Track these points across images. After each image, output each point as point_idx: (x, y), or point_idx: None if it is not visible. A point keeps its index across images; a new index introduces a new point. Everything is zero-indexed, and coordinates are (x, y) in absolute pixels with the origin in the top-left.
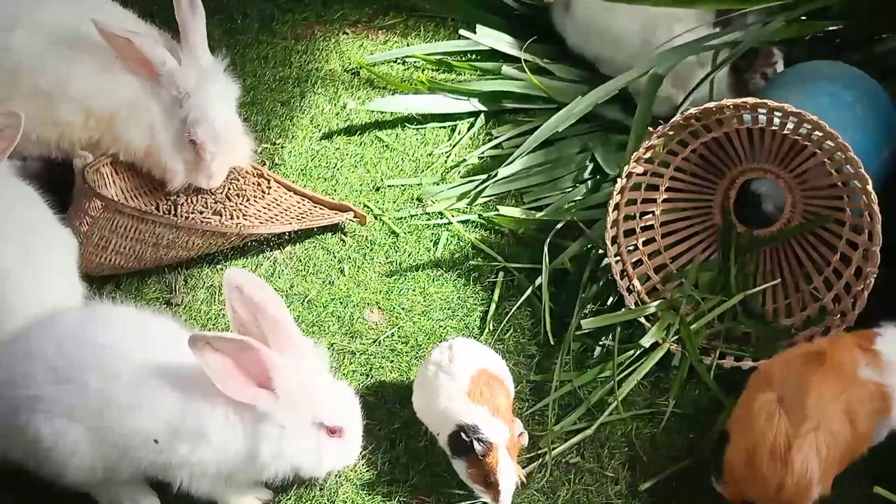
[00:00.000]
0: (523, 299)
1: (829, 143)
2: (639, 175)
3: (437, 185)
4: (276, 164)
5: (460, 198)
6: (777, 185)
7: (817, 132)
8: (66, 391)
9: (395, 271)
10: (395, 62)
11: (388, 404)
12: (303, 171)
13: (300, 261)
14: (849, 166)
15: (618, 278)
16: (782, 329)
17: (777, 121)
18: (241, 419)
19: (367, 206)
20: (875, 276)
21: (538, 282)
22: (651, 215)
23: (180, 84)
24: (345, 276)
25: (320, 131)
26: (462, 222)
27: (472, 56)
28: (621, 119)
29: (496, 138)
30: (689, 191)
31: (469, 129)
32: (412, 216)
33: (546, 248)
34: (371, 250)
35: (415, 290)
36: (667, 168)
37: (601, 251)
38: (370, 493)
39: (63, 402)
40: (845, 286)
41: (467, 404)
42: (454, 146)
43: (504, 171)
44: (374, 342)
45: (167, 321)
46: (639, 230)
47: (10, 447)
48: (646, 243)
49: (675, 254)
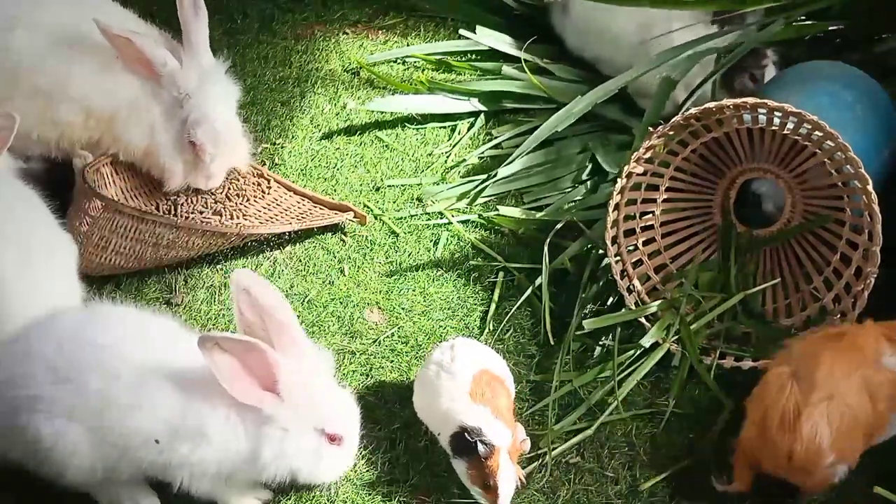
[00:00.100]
0: (523, 299)
1: (829, 143)
2: (639, 175)
3: (437, 185)
4: (276, 164)
5: (460, 198)
6: (777, 185)
7: (817, 132)
8: (66, 391)
9: (395, 271)
10: (395, 62)
11: (388, 404)
12: (303, 171)
13: (300, 261)
14: (849, 166)
15: (618, 278)
16: (782, 329)
17: (777, 121)
18: (242, 420)
19: (367, 206)
20: (875, 276)
21: (538, 282)
22: (651, 215)
23: (181, 85)
24: (345, 276)
25: (320, 131)
26: (462, 222)
27: (472, 56)
28: (621, 119)
29: (496, 138)
30: (689, 191)
31: (469, 129)
32: (412, 216)
33: (546, 248)
34: (371, 250)
35: (415, 290)
36: (667, 168)
37: (601, 251)
38: (370, 493)
39: (63, 403)
40: (845, 286)
41: (469, 405)
42: (454, 146)
43: (504, 171)
44: (374, 342)
45: (167, 321)
46: (639, 230)
47: (10, 447)
48: (646, 243)
49: (675, 254)
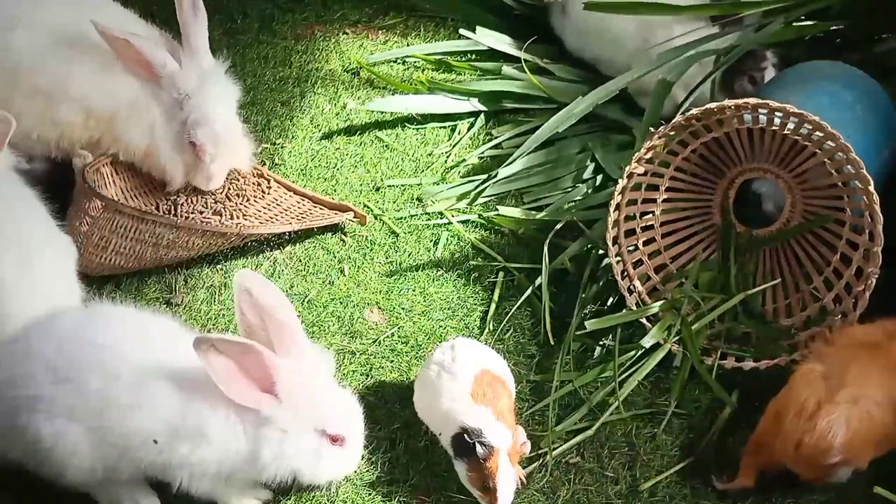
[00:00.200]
0: (523, 299)
1: (829, 143)
2: (639, 175)
3: (437, 185)
4: (276, 164)
5: (460, 198)
6: (777, 185)
7: (818, 133)
8: (66, 391)
9: (395, 271)
10: (395, 62)
11: (388, 404)
12: (303, 171)
13: (300, 261)
14: (850, 167)
15: (619, 278)
16: (783, 329)
17: (777, 121)
18: (242, 420)
19: (367, 206)
20: (876, 276)
21: (538, 282)
22: (651, 215)
23: (181, 86)
24: (345, 276)
25: (320, 131)
26: (462, 222)
27: (472, 56)
28: (621, 119)
29: (496, 138)
30: (689, 191)
31: (469, 129)
32: (412, 216)
33: (546, 248)
34: (371, 250)
35: (415, 290)
36: (667, 168)
37: (601, 251)
38: (370, 493)
39: (63, 403)
40: (846, 286)
41: (471, 405)
42: (454, 146)
43: (504, 172)
44: (374, 342)
45: (167, 321)
46: (639, 230)
47: (10, 447)
48: (646, 243)
49: (675, 254)
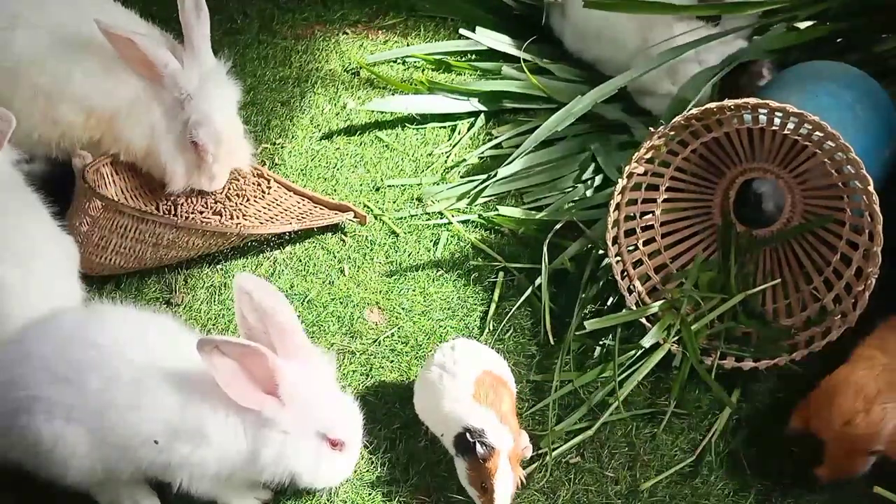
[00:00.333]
0: (523, 299)
1: (829, 143)
2: (639, 175)
3: (437, 185)
4: (276, 164)
5: (460, 198)
6: (777, 185)
7: (818, 133)
8: (66, 392)
9: (395, 271)
10: (395, 62)
11: (388, 404)
12: (303, 171)
13: (300, 261)
14: (850, 167)
15: (618, 278)
16: (783, 329)
17: (777, 121)
18: (242, 421)
19: (367, 206)
20: (876, 276)
21: (538, 282)
22: (651, 215)
23: (182, 86)
24: (345, 276)
25: (320, 131)
26: (462, 222)
27: (472, 56)
28: (621, 119)
29: (496, 138)
30: (689, 191)
31: (469, 129)
32: (412, 216)
33: (546, 248)
34: (371, 250)
35: (415, 290)
36: (667, 168)
37: (601, 251)
38: (370, 493)
39: (63, 403)
40: (846, 286)
41: (473, 406)
42: (454, 146)
43: (504, 171)
44: (374, 342)
45: (167, 321)
46: (639, 230)
47: (10, 447)
48: (646, 243)
49: (675, 254)
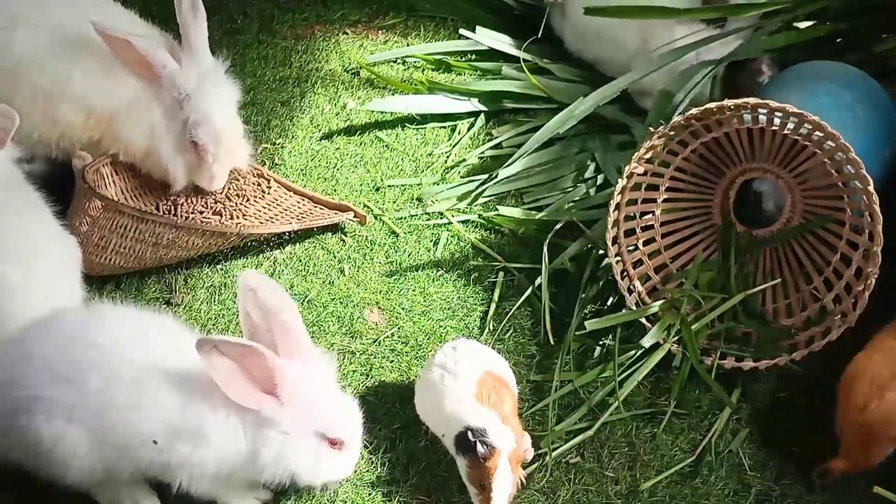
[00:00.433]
0: (523, 299)
1: (829, 143)
2: (639, 175)
3: (437, 185)
4: (276, 164)
5: (460, 198)
6: (777, 185)
7: (818, 132)
8: (66, 392)
9: (395, 271)
10: (395, 62)
11: (388, 404)
12: (303, 171)
13: (300, 261)
14: (850, 167)
15: (618, 278)
16: (783, 329)
17: (777, 121)
18: (242, 421)
19: (367, 206)
20: (876, 276)
21: (538, 282)
22: (651, 215)
23: (181, 86)
24: (345, 276)
25: (320, 131)
26: (462, 222)
27: (472, 56)
28: (621, 119)
29: (496, 138)
30: (689, 191)
31: (469, 129)
32: (412, 216)
33: (545, 248)
34: (371, 250)
35: (415, 290)
36: (667, 168)
37: (601, 251)
38: (370, 493)
39: (63, 403)
40: (846, 286)
41: (475, 406)
42: (454, 146)
43: (504, 172)
44: (374, 342)
45: (167, 321)
46: (639, 230)
47: (11, 447)
48: (646, 243)
49: (675, 254)
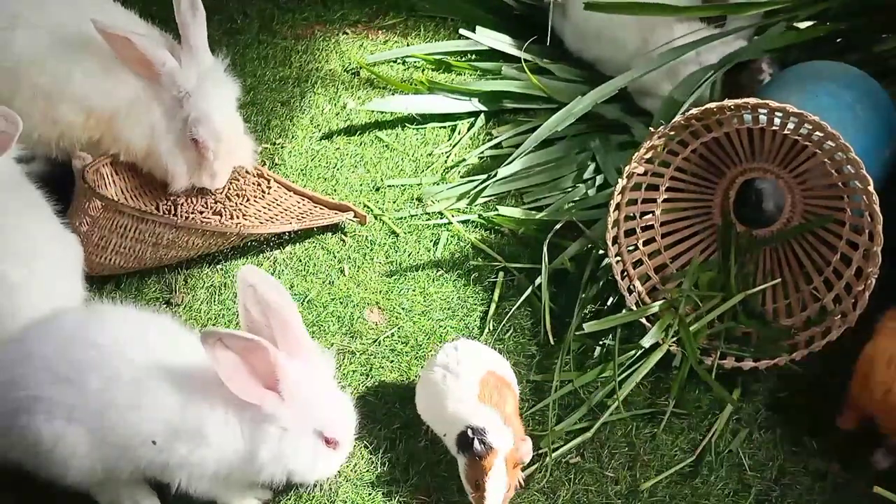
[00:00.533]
0: (523, 299)
1: (829, 143)
2: (639, 175)
3: (437, 185)
4: (276, 164)
5: (460, 198)
6: (777, 185)
7: (818, 133)
8: (66, 392)
9: (395, 271)
10: (395, 62)
11: (388, 404)
12: (303, 171)
13: (300, 261)
14: (850, 167)
15: (618, 278)
16: (783, 329)
17: (778, 121)
18: (240, 420)
19: (367, 206)
20: (876, 276)
21: (538, 282)
22: (651, 215)
23: (181, 84)
24: (345, 276)
25: (320, 131)
26: (462, 222)
27: (472, 56)
28: (621, 118)
29: (496, 138)
30: (689, 190)
31: (469, 129)
32: (412, 216)
33: (545, 248)
34: (371, 250)
35: (415, 290)
36: (667, 168)
37: (601, 251)
38: (370, 493)
39: (63, 403)
40: (846, 286)
41: (477, 406)
42: (454, 146)
43: (504, 171)
44: (374, 342)
45: (167, 321)
46: (639, 230)
47: (11, 447)
48: (646, 243)
49: (675, 254)
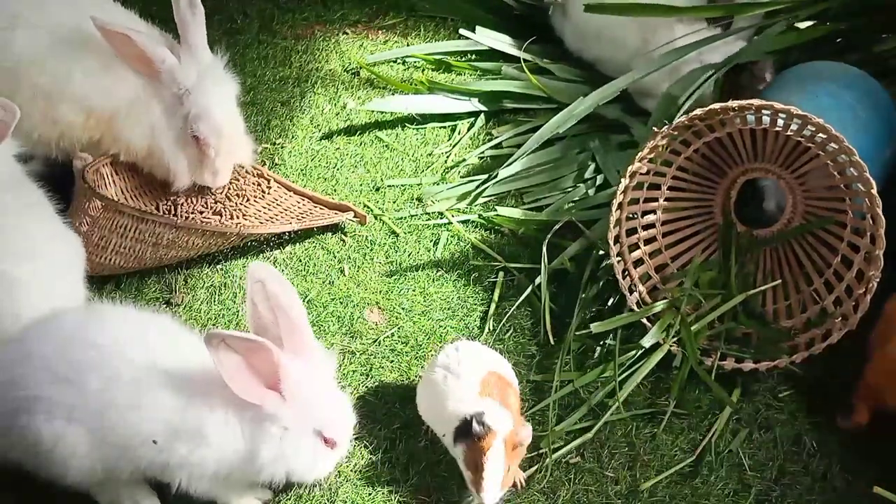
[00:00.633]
0: (523, 299)
1: (832, 145)
2: (641, 174)
3: (437, 185)
4: (276, 164)
5: (460, 198)
6: (779, 185)
7: (821, 134)
8: (66, 392)
9: (395, 271)
10: (395, 62)
11: (388, 404)
12: (303, 171)
13: (300, 261)
14: (852, 169)
15: (619, 278)
16: (783, 330)
17: (781, 122)
18: (240, 419)
19: (367, 206)
20: (878, 280)
21: (538, 282)
22: (652, 214)
23: (180, 81)
24: (345, 276)
25: (320, 131)
26: (462, 222)
27: (472, 56)
28: (621, 119)
29: (496, 138)
30: (691, 190)
31: (469, 129)
32: (412, 216)
33: (545, 248)
34: (371, 250)
35: (415, 290)
36: (669, 167)
37: (601, 251)
38: (370, 493)
39: (63, 403)
40: (846, 289)
41: (478, 400)
42: (454, 146)
43: (504, 172)
44: (374, 342)
45: (167, 321)
46: (640, 229)
47: (10, 447)
48: (647, 242)
49: (676, 253)
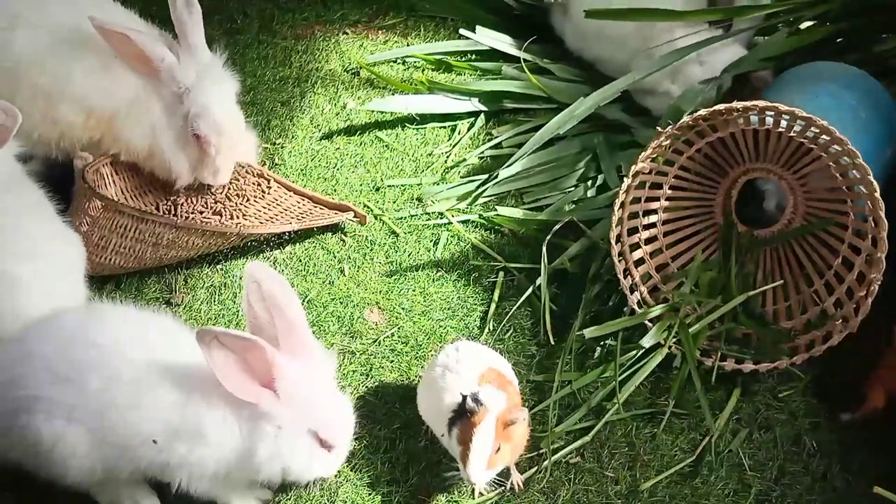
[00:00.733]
0: (523, 299)
1: (835, 147)
2: (643, 174)
3: (437, 185)
4: (276, 164)
5: (460, 198)
6: (780, 186)
7: (824, 136)
8: (66, 392)
9: (395, 271)
10: (395, 62)
11: (388, 404)
12: (303, 171)
13: (300, 261)
14: (855, 172)
15: (621, 277)
16: (783, 331)
17: (784, 123)
18: (238, 418)
19: (367, 206)
20: (879, 282)
21: (538, 282)
22: (654, 214)
23: (180, 80)
24: (345, 276)
25: (320, 131)
26: (462, 222)
27: (472, 56)
28: (622, 119)
29: (496, 138)
30: (692, 189)
31: (469, 129)
32: (412, 216)
33: (545, 249)
34: (371, 250)
35: (415, 290)
36: (671, 167)
37: (602, 251)
38: (370, 493)
39: (63, 403)
40: (847, 291)
41: (475, 387)
42: (454, 146)
43: (504, 172)
44: (374, 342)
45: (167, 321)
46: (641, 229)
47: (10, 447)
48: (648, 241)
49: (676, 252)
